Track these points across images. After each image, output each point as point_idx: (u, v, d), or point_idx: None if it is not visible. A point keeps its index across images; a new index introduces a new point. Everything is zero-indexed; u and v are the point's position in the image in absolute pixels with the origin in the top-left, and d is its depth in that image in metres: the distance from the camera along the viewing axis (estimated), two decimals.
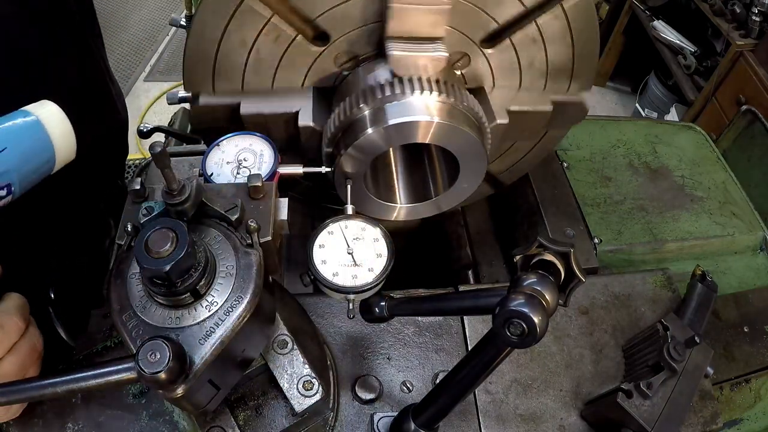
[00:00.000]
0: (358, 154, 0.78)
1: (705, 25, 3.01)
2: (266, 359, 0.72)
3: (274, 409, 0.73)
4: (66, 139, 0.60)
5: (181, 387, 0.50)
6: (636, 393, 0.79)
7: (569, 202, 1.20)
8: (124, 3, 4.60)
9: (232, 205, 0.57)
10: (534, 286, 0.52)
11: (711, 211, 1.25)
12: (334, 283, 0.65)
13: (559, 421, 0.86)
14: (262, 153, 0.70)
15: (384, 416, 0.80)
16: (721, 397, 0.99)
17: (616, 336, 0.95)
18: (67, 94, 0.77)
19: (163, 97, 3.13)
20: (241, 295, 0.54)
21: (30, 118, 0.57)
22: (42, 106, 0.59)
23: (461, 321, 0.94)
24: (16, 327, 0.63)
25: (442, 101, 0.77)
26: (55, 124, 0.58)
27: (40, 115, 0.58)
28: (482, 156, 0.83)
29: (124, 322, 0.52)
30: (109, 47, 0.97)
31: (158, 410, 0.73)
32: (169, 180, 0.51)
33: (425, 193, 0.94)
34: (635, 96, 3.80)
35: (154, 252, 0.47)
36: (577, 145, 1.34)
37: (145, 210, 0.55)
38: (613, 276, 1.05)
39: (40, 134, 0.57)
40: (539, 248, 0.56)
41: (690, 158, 1.36)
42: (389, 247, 0.67)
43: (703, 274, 0.98)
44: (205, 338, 0.52)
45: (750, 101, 2.61)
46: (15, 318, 0.64)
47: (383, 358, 0.89)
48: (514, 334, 0.51)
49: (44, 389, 0.52)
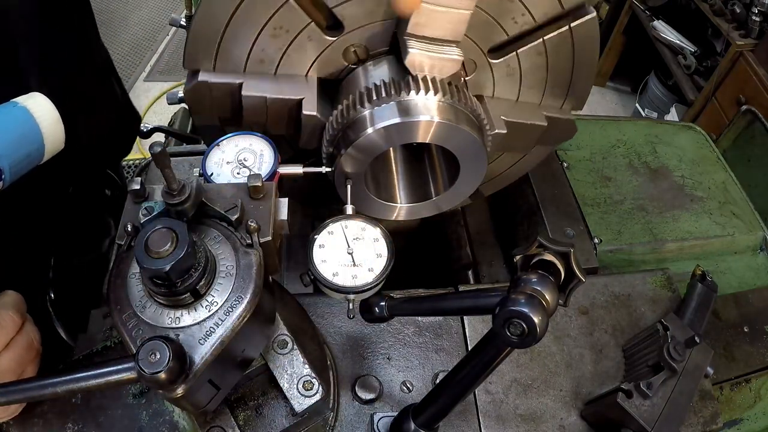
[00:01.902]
0: (358, 154, 0.78)
1: (705, 25, 3.01)
2: (266, 359, 0.72)
3: (274, 409, 0.73)
4: (54, 129, 0.62)
5: (181, 387, 0.50)
6: (636, 393, 0.79)
7: (569, 202, 1.20)
8: (124, 3, 4.60)
9: (232, 205, 0.57)
10: (534, 286, 0.52)
11: (711, 211, 1.25)
12: (334, 283, 0.65)
13: (559, 421, 0.86)
14: (262, 153, 0.70)
15: (384, 416, 0.80)
16: (721, 397, 0.99)
17: (616, 336, 0.95)
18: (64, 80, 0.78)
19: (163, 97, 3.13)
20: (241, 295, 0.54)
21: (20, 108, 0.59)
22: (31, 98, 0.61)
23: (461, 321, 0.94)
24: (13, 323, 0.64)
25: (442, 101, 0.77)
26: (44, 115, 0.61)
27: (29, 105, 0.60)
28: (482, 156, 0.83)
29: (124, 322, 0.52)
30: (109, 47, 0.97)
31: (158, 410, 0.72)
32: (169, 180, 0.51)
33: (425, 193, 0.94)
34: (635, 96, 3.80)
35: (154, 252, 0.47)
36: (577, 145, 1.34)
37: (145, 210, 0.55)
38: (613, 276, 1.05)
39: (30, 123, 0.60)
40: (539, 248, 0.56)
41: (690, 158, 1.36)
42: (389, 247, 0.67)
43: (703, 274, 0.98)
44: (205, 338, 0.52)
45: (750, 101, 2.61)
46: (11, 314, 0.64)
47: (383, 358, 0.89)
48: (514, 334, 0.51)
49: (44, 389, 0.52)
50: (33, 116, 0.60)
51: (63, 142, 0.64)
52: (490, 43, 0.84)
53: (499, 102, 0.91)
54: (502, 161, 1.05)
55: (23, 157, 0.59)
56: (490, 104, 0.90)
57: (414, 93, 0.75)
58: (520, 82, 0.90)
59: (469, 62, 0.86)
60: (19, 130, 0.59)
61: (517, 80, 0.89)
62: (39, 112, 0.60)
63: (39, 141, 0.61)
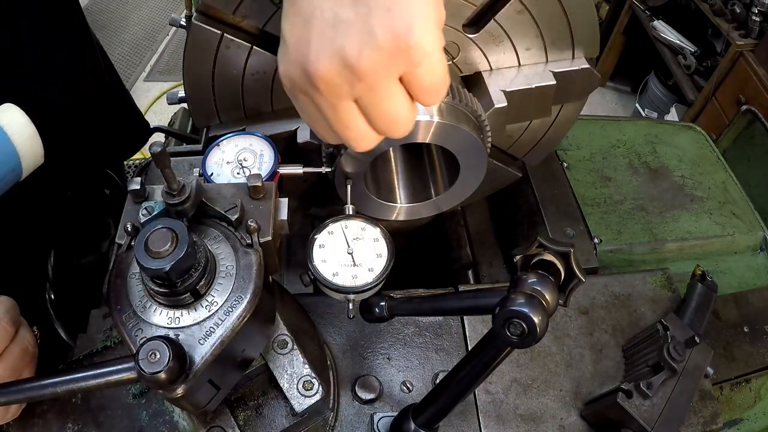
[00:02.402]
0: (358, 154, 0.78)
1: (705, 25, 3.01)
2: (266, 359, 0.72)
3: (274, 409, 0.73)
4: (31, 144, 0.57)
5: (181, 387, 0.50)
6: (636, 393, 0.79)
7: (569, 202, 1.20)
8: (124, 3, 4.60)
9: (232, 205, 0.57)
10: (534, 286, 0.52)
11: (711, 211, 1.25)
12: (334, 283, 0.65)
13: (559, 421, 0.86)
14: (262, 153, 0.70)
15: (384, 416, 0.80)
16: (721, 397, 0.99)
17: (616, 336, 0.95)
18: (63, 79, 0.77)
19: (163, 97, 3.13)
20: (241, 295, 0.54)
21: None
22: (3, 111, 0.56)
23: (461, 321, 0.94)
24: (5, 332, 0.63)
25: (442, 101, 0.76)
26: (18, 131, 0.56)
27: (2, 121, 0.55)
28: (482, 156, 0.83)
29: (124, 322, 0.52)
30: (109, 47, 0.97)
31: (158, 410, 0.73)
32: (169, 180, 0.51)
33: (425, 193, 0.94)
34: (635, 96, 3.79)
35: (154, 252, 0.47)
36: (577, 145, 1.34)
37: (145, 210, 0.55)
38: (613, 276, 1.05)
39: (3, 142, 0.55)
40: (539, 248, 0.56)
41: (690, 158, 1.36)
42: (389, 247, 0.67)
43: (703, 274, 0.98)
44: (205, 338, 0.52)
45: (750, 101, 2.61)
46: (3, 323, 0.63)
47: (383, 358, 0.89)
48: (514, 334, 0.51)
49: (44, 389, 0.52)
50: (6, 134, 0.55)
51: (42, 156, 0.60)
52: (461, 20, 0.80)
53: (500, 73, 0.87)
54: (536, 129, 1.00)
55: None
56: (490, 79, 0.87)
57: None
58: (514, 47, 0.85)
59: (451, 46, 0.83)
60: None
61: (509, 46, 0.85)
62: (13, 128, 0.55)
63: (15, 161, 0.56)
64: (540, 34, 0.84)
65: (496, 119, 0.85)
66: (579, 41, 0.87)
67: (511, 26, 0.82)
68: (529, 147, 1.04)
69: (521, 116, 0.91)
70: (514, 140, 1.01)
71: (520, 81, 0.86)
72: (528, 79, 0.87)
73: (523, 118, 0.93)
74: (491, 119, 0.85)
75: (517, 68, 0.88)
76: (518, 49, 0.86)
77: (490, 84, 0.86)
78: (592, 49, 0.89)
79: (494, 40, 0.84)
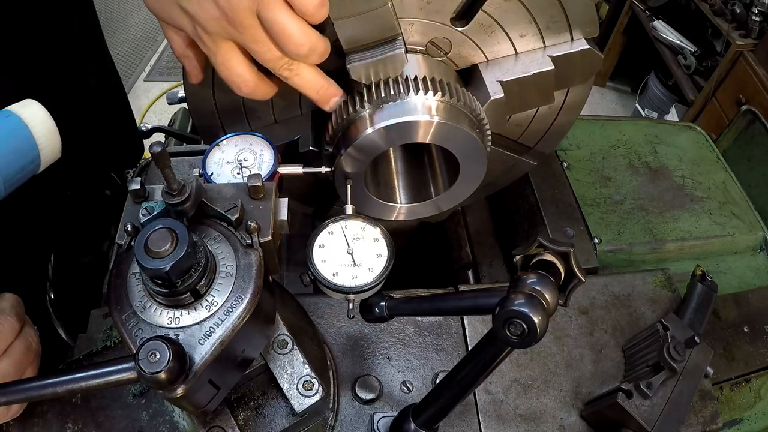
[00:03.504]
0: (358, 154, 0.78)
1: (705, 25, 3.01)
2: (266, 359, 0.72)
3: (274, 409, 0.73)
4: (50, 139, 0.59)
5: (181, 387, 0.50)
6: (636, 393, 0.79)
7: (569, 202, 1.20)
8: (124, 3, 4.60)
9: (232, 205, 0.57)
10: (534, 286, 0.52)
11: (711, 211, 1.25)
12: (334, 283, 0.65)
13: (559, 421, 0.86)
14: (262, 153, 0.70)
15: (384, 416, 0.80)
16: (721, 397, 0.99)
17: (616, 336, 0.95)
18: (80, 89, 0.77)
19: (163, 97, 3.13)
20: (241, 295, 0.54)
21: (13, 118, 0.56)
22: (25, 106, 0.58)
23: (461, 321, 0.94)
24: (11, 328, 0.63)
25: (441, 101, 0.77)
26: (38, 124, 0.58)
27: (23, 115, 0.57)
28: (482, 155, 0.82)
29: (124, 322, 0.52)
30: (109, 47, 0.97)
31: (158, 410, 0.73)
32: (169, 180, 0.51)
33: (425, 193, 0.94)
34: (635, 96, 3.80)
35: (154, 252, 0.47)
36: (577, 145, 1.34)
37: (145, 210, 0.55)
38: (613, 276, 1.05)
39: (24, 134, 0.57)
40: (539, 248, 0.57)
41: (690, 158, 1.36)
42: (389, 247, 0.67)
43: (703, 274, 0.98)
44: (205, 338, 0.52)
45: (750, 101, 2.62)
46: (9, 318, 0.63)
47: (383, 358, 0.89)
48: (514, 334, 0.51)
49: (44, 389, 0.52)
50: (27, 126, 0.57)
51: (59, 151, 0.62)
52: (449, 15, 0.80)
53: (497, 64, 0.86)
54: (545, 116, 0.98)
55: (17, 170, 0.57)
56: (487, 70, 0.85)
57: (413, 93, 0.75)
58: (508, 36, 0.84)
59: (443, 42, 0.83)
60: (12, 142, 0.56)
61: (502, 35, 0.83)
62: (34, 121, 0.57)
63: (35, 153, 0.58)
64: (532, 19, 0.82)
65: (496, 110, 0.84)
66: (575, 22, 0.84)
67: (501, 14, 0.81)
68: (540, 135, 1.02)
69: (524, 105, 0.90)
70: (523, 129, 1.00)
71: (518, 69, 0.85)
72: (525, 67, 0.85)
73: (526, 106, 0.91)
74: (490, 111, 0.84)
75: (514, 57, 0.86)
76: (512, 37, 0.84)
77: (487, 75, 0.85)
78: (591, 28, 0.86)
79: (486, 31, 0.82)
